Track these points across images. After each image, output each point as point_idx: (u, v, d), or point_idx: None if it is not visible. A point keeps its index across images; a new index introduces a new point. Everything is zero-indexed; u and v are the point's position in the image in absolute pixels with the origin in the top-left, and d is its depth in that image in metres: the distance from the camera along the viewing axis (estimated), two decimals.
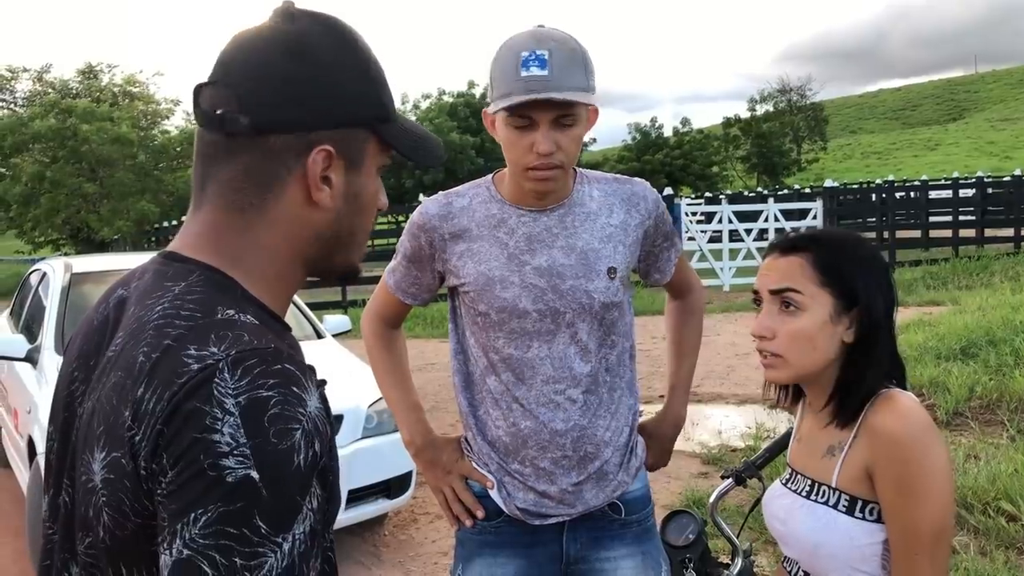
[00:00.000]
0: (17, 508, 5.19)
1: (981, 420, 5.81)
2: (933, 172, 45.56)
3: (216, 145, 0.94)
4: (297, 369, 0.84)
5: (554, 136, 1.70)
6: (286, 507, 0.78)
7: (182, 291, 0.89)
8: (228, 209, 0.94)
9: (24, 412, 4.81)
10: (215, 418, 0.78)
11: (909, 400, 1.42)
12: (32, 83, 30.92)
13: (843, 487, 1.43)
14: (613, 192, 1.89)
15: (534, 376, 1.81)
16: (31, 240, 29.75)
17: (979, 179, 19.99)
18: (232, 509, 0.76)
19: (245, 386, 0.79)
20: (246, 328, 0.86)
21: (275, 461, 0.78)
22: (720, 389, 7.51)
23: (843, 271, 1.44)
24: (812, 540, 1.46)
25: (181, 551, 0.76)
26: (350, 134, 0.95)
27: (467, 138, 34.67)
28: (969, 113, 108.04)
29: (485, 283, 1.81)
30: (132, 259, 6.68)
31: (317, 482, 0.81)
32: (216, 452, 0.77)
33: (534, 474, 1.82)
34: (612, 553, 1.88)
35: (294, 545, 0.78)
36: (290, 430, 0.79)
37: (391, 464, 4.54)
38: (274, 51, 0.92)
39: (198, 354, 0.82)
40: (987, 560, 3.76)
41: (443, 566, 4.35)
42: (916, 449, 1.34)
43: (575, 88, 1.67)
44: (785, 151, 54.93)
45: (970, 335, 7.28)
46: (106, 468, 0.84)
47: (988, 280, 13.07)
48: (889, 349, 1.46)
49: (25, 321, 5.99)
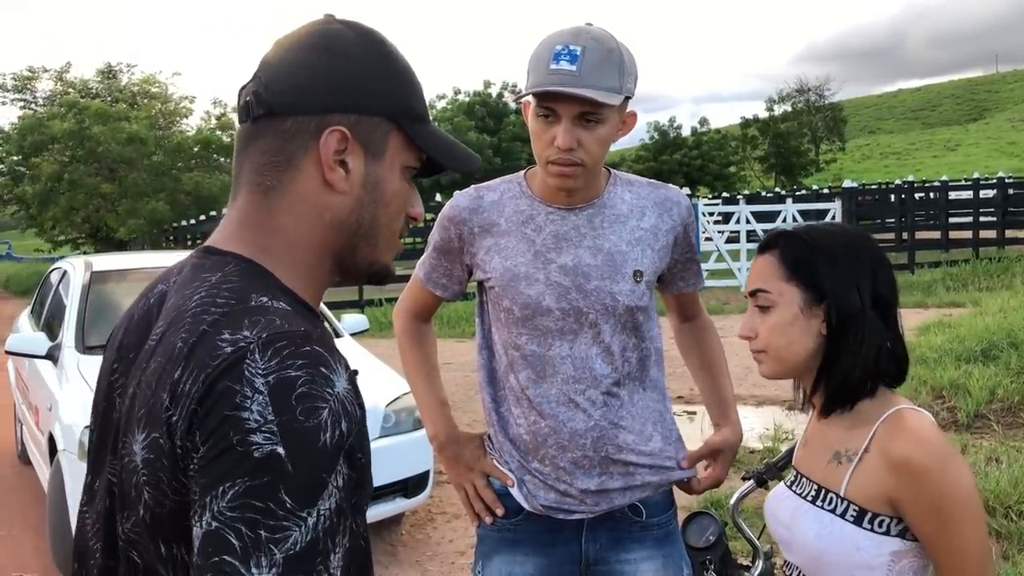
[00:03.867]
0: (38, 505, 5.23)
1: (1003, 423, 5.76)
2: (953, 173, 45.16)
3: (246, 134, 1.00)
4: (326, 351, 0.87)
5: (577, 133, 1.69)
6: (311, 483, 0.80)
7: (218, 281, 0.93)
8: (254, 192, 0.99)
9: (45, 409, 4.85)
10: (245, 396, 0.81)
11: (920, 419, 1.39)
12: (53, 83, 31.18)
13: (853, 499, 1.41)
14: (647, 196, 1.88)
15: (555, 375, 1.80)
16: (51, 239, 30.00)
17: (1000, 180, 19.78)
18: (258, 483, 0.78)
19: (275, 366, 0.82)
20: (278, 313, 0.89)
21: (301, 438, 0.80)
22: (738, 391, 7.42)
23: (808, 264, 1.44)
24: (816, 546, 1.44)
25: (210, 523, 0.79)
26: (367, 121, 0.98)
27: (484, 137, 34.65)
28: (990, 113, 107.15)
29: (510, 279, 1.81)
30: (152, 258, 6.72)
31: (344, 461, 0.83)
32: (245, 428, 0.80)
33: (554, 473, 1.82)
34: (632, 555, 1.86)
35: (319, 520, 0.80)
36: (317, 408, 0.82)
37: (409, 463, 4.56)
38: (302, 47, 0.99)
39: (232, 337, 0.85)
40: (1010, 564, 3.73)
41: (460, 566, 4.35)
42: (948, 478, 1.32)
43: (603, 88, 1.66)
44: (803, 151, 54.54)
45: (991, 337, 7.22)
46: (146, 448, 0.87)
47: (1009, 282, 12.96)
48: (875, 341, 1.42)
49: (46, 319, 6.05)
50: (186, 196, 25.97)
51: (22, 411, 6.15)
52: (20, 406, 6.30)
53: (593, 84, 1.65)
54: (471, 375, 8.78)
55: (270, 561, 0.77)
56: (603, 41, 1.69)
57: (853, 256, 1.44)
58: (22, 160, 27.80)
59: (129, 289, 5.55)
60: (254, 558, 0.77)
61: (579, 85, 1.64)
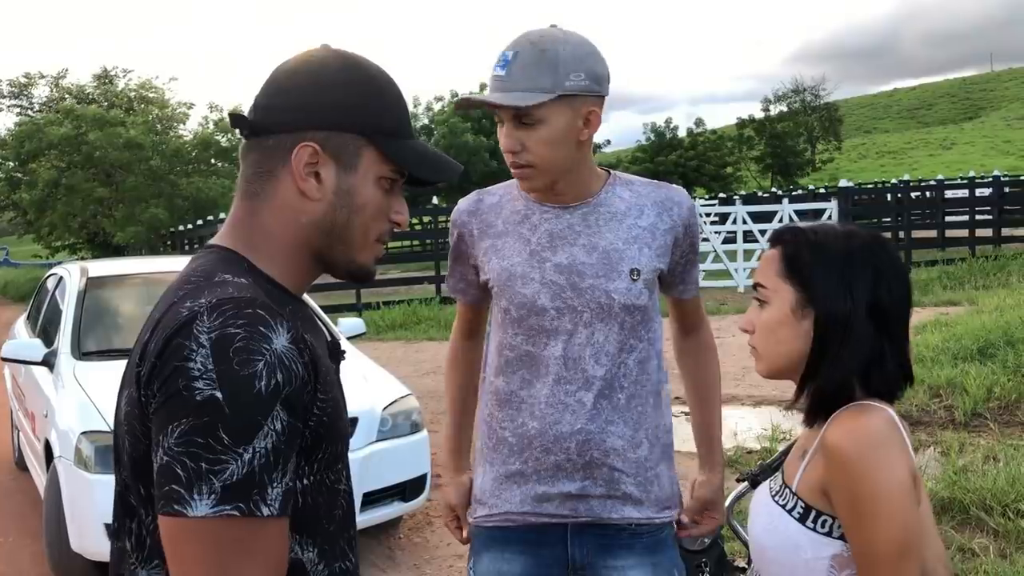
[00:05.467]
0: (35, 511, 5.22)
1: (1000, 421, 5.77)
2: (949, 171, 45.21)
3: (244, 148, 1.16)
4: (267, 313, 0.99)
5: (519, 135, 1.72)
6: (246, 423, 0.93)
7: (196, 266, 1.11)
8: (243, 198, 1.14)
9: (41, 416, 4.84)
10: (191, 350, 0.95)
11: (870, 415, 1.34)
12: (49, 89, 31.14)
13: (801, 494, 1.39)
14: (647, 195, 1.87)
15: (546, 375, 1.80)
16: (48, 245, 29.94)
17: (996, 178, 19.84)
18: (199, 423, 0.92)
19: (218, 325, 0.96)
20: (234, 285, 1.03)
21: (237, 385, 0.93)
22: (735, 391, 7.47)
23: (805, 264, 1.41)
24: (761, 541, 1.43)
25: (162, 458, 0.93)
26: (338, 137, 1.10)
27: (481, 139, 34.63)
28: (985, 112, 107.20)
29: (507, 279, 1.82)
30: (149, 263, 6.70)
31: (282, 408, 0.96)
32: (189, 376, 0.94)
33: (536, 475, 1.81)
34: (619, 562, 1.83)
35: (254, 456, 0.93)
36: (252, 359, 0.95)
37: (406, 467, 4.55)
38: (287, 73, 1.14)
39: (191, 305, 0.99)
40: (1007, 563, 3.73)
41: (458, 569, 4.34)
42: (865, 467, 1.28)
43: (530, 89, 1.67)
44: (799, 151, 54.62)
45: (988, 335, 7.23)
46: (126, 402, 1.05)
47: (1006, 280, 12.98)
48: (861, 351, 1.37)
49: (42, 325, 6.03)
50: (184, 201, 25.89)
51: (18, 417, 6.14)
52: (16, 412, 6.29)
53: (520, 87, 1.67)
54: None
55: (210, 489, 0.91)
56: (539, 43, 1.69)
57: (855, 261, 1.39)
58: (19, 166, 27.72)
59: (125, 295, 5.55)
60: (196, 486, 0.91)
61: (504, 89, 1.68)
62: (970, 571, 3.69)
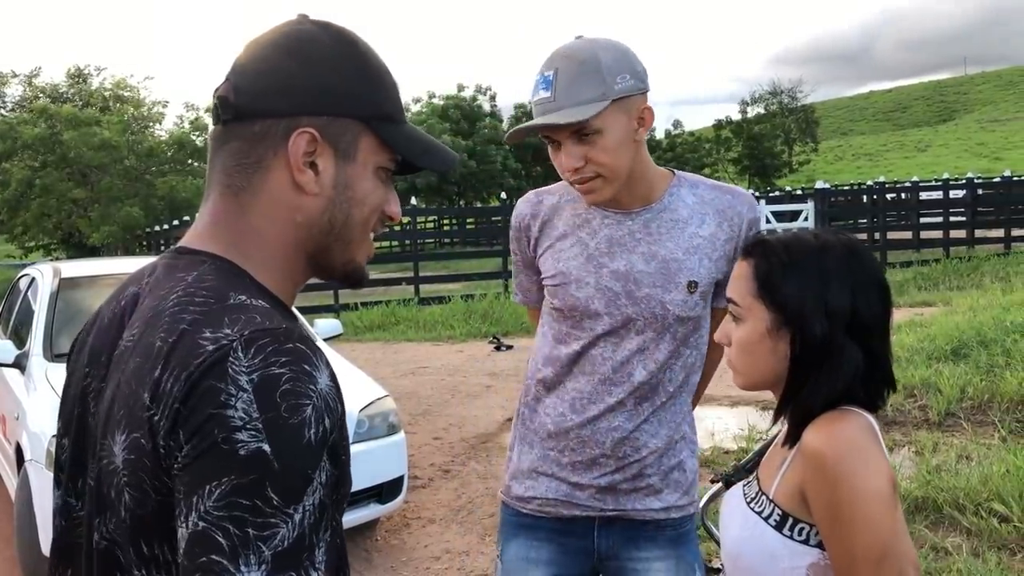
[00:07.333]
0: (6, 515, 5.15)
1: (973, 421, 5.82)
2: (924, 173, 45.69)
3: (217, 136, 1.00)
4: (308, 348, 0.86)
5: (580, 150, 1.69)
6: (297, 479, 0.80)
7: (194, 280, 0.93)
8: (224, 194, 0.99)
9: (12, 418, 4.78)
10: (229, 394, 0.80)
11: (849, 419, 1.31)
12: (22, 88, 30.76)
13: (778, 501, 1.36)
14: (710, 200, 1.84)
15: (593, 373, 1.81)
16: (21, 245, 29.60)
17: (969, 180, 20.01)
18: (245, 481, 0.78)
19: (258, 364, 0.82)
20: (258, 311, 0.89)
21: (287, 435, 0.80)
22: (713, 391, 7.49)
23: (777, 283, 1.35)
24: (734, 549, 1.40)
25: (196, 523, 0.78)
26: (337, 123, 0.98)
27: (459, 140, 34.56)
28: (959, 114, 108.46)
29: (562, 280, 1.82)
30: (123, 263, 6.64)
31: (327, 457, 0.83)
32: (230, 426, 0.79)
33: (570, 465, 1.84)
34: (645, 554, 1.87)
35: (304, 516, 0.80)
36: (301, 405, 0.81)
37: (383, 468, 4.53)
38: (272, 49, 0.99)
39: (213, 336, 0.85)
40: (979, 561, 3.76)
41: (435, 571, 4.33)
42: (845, 470, 1.25)
43: (582, 102, 1.64)
44: (776, 153, 54.96)
45: (961, 336, 7.30)
46: (126, 449, 0.87)
47: (979, 281, 13.13)
48: (845, 373, 1.32)
49: (14, 326, 5.96)
50: (159, 201, 25.68)
51: None
52: None
53: (570, 103, 1.65)
54: (447, 379, 8.76)
55: (259, 559, 0.77)
56: (575, 55, 1.67)
57: (830, 279, 1.33)
58: None
59: (98, 296, 5.47)
60: (243, 556, 0.77)
61: (555, 110, 1.65)
62: (943, 570, 3.72)
